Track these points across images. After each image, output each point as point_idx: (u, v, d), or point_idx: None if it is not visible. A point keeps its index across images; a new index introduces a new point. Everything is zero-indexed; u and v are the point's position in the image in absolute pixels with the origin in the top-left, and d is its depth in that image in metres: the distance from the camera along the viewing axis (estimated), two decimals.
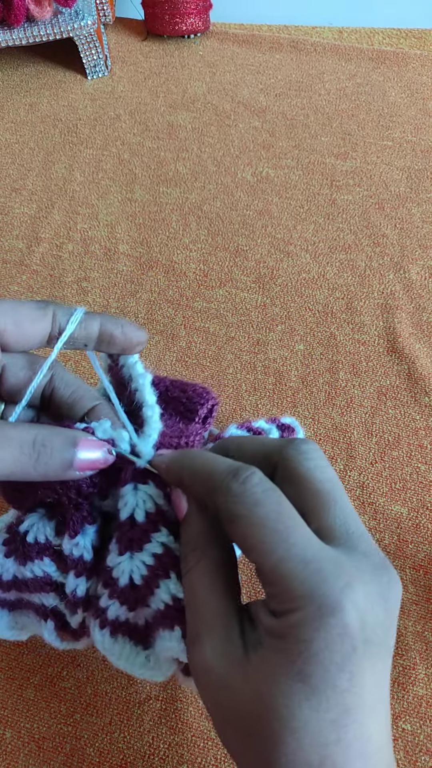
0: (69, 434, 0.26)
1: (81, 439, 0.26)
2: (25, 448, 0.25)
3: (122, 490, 0.29)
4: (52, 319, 0.28)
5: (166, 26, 0.98)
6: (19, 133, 0.86)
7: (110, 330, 0.29)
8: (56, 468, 0.26)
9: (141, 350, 0.30)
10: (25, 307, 0.27)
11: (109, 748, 0.39)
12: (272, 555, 0.22)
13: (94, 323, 0.29)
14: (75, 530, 0.29)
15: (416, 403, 0.56)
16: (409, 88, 0.90)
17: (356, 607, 0.21)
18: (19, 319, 0.27)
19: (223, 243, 0.70)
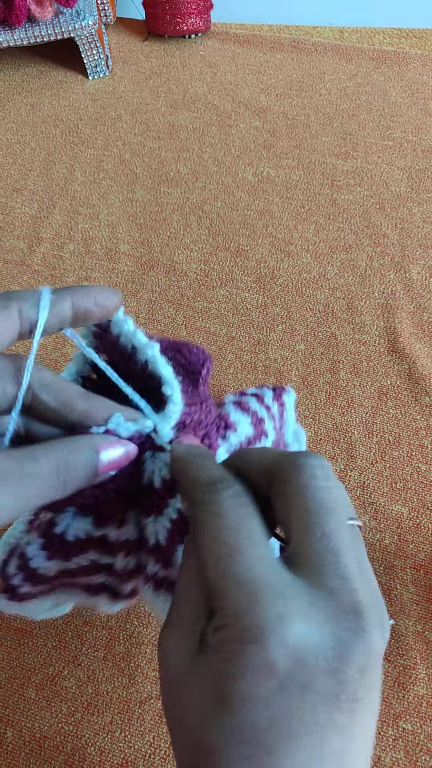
0: (88, 444, 0.25)
1: (101, 445, 0.25)
2: (48, 480, 0.24)
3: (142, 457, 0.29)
4: (19, 315, 0.25)
5: (167, 26, 0.99)
6: (20, 133, 0.86)
7: (83, 305, 0.26)
8: (84, 480, 0.25)
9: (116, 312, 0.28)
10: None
11: (110, 747, 0.39)
12: (215, 569, 0.21)
13: (65, 304, 0.25)
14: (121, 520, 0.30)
15: (417, 403, 0.56)
16: (409, 88, 0.90)
17: (284, 643, 0.19)
18: None
19: (224, 243, 0.70)
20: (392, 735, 0.40)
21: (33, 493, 0.23)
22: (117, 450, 0.26)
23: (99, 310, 0.26)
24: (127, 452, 0.27)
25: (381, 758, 0.39)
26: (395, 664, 0.42)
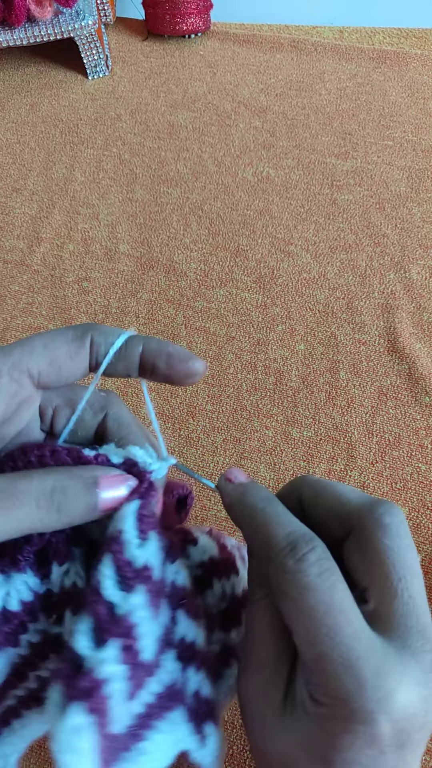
0: (87, 475, 0.24)
1: (101, 478, 0.24)
2: (41, 501, 0.22)
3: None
4: (90, 350, 0.25)
5: (167, 26, 0.99)
6: (20, 133, 0.86)
7: (152, 359, 0.25)
8: (81, 514, 0.23)
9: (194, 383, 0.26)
10: (59, 342, 0.24)
11: None
12: (315, 647, 0.21)
13: (134, 350, 0.25)
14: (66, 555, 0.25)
15: (417, 403, 0.56)
16: (409, 88, 0.90)
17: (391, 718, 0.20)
18: (54, 358, 0.24)
19: (224, 243, 0.70)
20: None
21: (22, 513, 0.22)
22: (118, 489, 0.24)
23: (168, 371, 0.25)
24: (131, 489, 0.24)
25: None
26: None
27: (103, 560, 0.22)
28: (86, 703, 0.20)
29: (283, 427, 0.54)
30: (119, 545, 0.23)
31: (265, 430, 0.54)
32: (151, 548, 0.23)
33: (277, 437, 0.54)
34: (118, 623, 0.21)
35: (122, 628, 0.21)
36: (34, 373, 0.24)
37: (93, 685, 0.20)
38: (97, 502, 0.23)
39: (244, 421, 0.55)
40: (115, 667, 0.21)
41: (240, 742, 0.39)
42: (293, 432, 0.54)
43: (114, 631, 0.21)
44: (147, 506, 0.24)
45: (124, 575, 0.22)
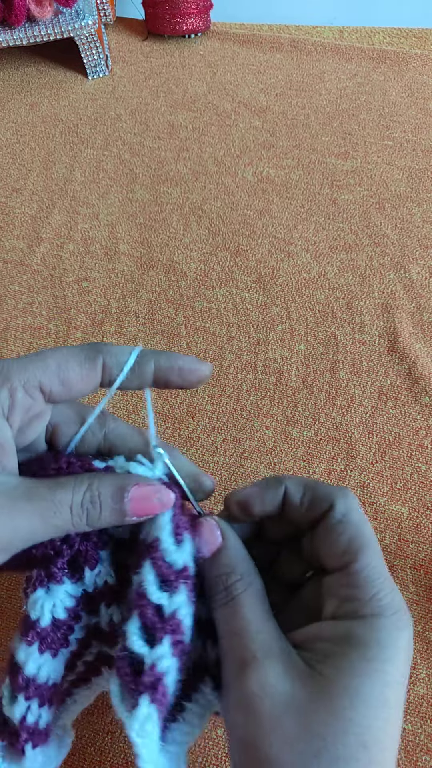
0: (119, 483, 0.25)
1: (131, 487, 0.25)
2: (75, 509, 0.24)
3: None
4: (102, 370, 0.26)
5: (167, 26, 0.98)
6: (19, 132, 0.86)
7: (165, 374, 0.27)
8: (110, 520, 0.25)
9: (203, 384, 0.28)
10: (73, 361, 0.26)
11: (110, 748, 0.39)
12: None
13: (147, 367, 0.26)
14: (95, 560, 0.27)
15: (417, 403, 0.56)
16: (409, 88, 0.90)
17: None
18: (67, 377, 0.25)
19: (224, 243, 0.70)
20: None
21: (59, 520, 0.24)
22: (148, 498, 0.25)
23: (181, 381, 0.27)
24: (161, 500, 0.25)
25: None
26: None
27: (144, 566, 0.25)
28: (150, 695, 0.23)
29: (283, 427, 0.54)
30: (158, 552, 0.25)
31: (265, 430, 0.54)
32: (187, 549, 0.26)
33: (277, 437, 0.54)
34: (167, 622, 0.24)
35: (172, 626, 0.24)
36: (46, 390, 0.25)
37: (155, 679, 0.24)
38: (126, 510, 0.25)
39: (244, 421, 0.55)
40: (170, 660, 0.24)
41: None
42: (293, 432, 0.54)
43: (166, 629, 0.24)
44: (177, 513, 0.26)
45: (167, 578, 0.25)
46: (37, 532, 0.24)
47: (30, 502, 0.24)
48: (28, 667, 0.26)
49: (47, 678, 0.26)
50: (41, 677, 0.26)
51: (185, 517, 0.27)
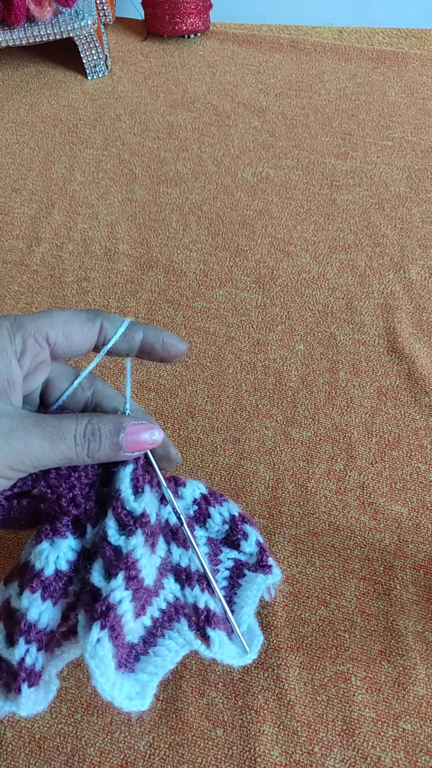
0: (116, 420, 0.28)
1: (128, 425, 0.28)
2: (78, 438, 0.27)
3: None
4: (100, 330, 0.29)
5: (166, 26, 0.98)
6: (19, 133, 0.86)
7: (151, 342, 0.30)
8: (107, 453, 0.28)
9: (180, 360, 0.32)
10: (76, 320, 0.29)
11: (110, 748, 0.39)
12: None
13: (136, 335, 0.30)
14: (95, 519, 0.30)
15: (416, 403, 0.56)
16: (409, 88, 0.90)
17: None
18: (70, 332, 0.29)
19: (223, 243, 0.70)
20: (392, 735, 0.40)
21: (64, 446, 0.27)
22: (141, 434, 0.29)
23: (163, 352, 0.31)
24: (152, 438, 0.29)
25: (381, 759, 0.39)
26: (395, 665, 0.42)
27: (108, 514, 0.29)
28: (102, 621, 0.26)
29: (283, 427, 0.54)
30: (119, 501, 0.29)
31: (265, 430, 0.54)
32: (146, 499, 0.29)
33: (276, 437, 0.54)
34: (122, 560, 0.28)
35: (126, 563, 0.27)
36: (51, 342, 0.28)
37: (107, 607, 0.27)
38: (122, 444, 0.28)
39: (244, 421, 0.55)
40: (122, 593, 0.27)
41: (240, 742, 0.39)
42: (293, 432, 0.54)
43: (120, 566, 0.27)
44: (139, 467, 0.30)
45: (126, 524, 0.29)
46: (46, 454, 0.27)
47: (39, 427, 0.27)
48: (30, 612, 0.28)
49: (46, 624, 0.29)
50: (42, 623, 0.28)
51: (146, 473, 0.30)
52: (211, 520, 0.34)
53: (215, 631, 0.31)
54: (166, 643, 0.30)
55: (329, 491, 0.50)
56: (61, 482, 0.29)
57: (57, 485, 0.29)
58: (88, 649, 0.26)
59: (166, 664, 0.30)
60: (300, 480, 0.51)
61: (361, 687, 0.41)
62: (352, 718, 0.40)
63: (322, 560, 0.47)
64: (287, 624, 0.43)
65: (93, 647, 0.26)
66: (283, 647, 0.43)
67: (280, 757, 0.39)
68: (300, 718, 0.40)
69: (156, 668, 0.30)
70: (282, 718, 0.40)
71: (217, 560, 0.35)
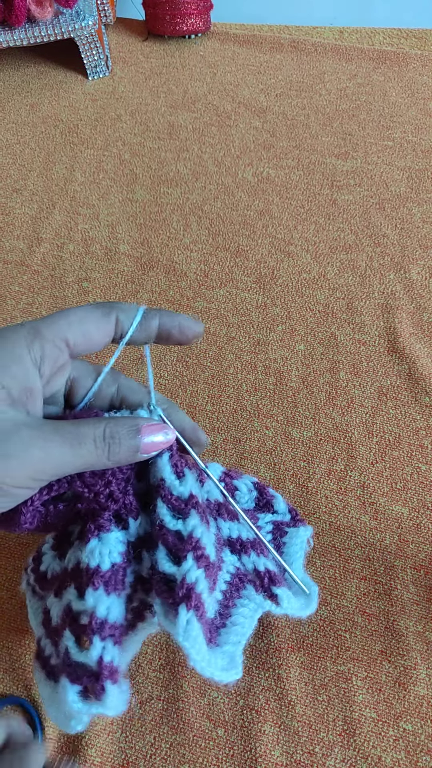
0: (132, 423, 0.29)
1: (143, 426, 0.29)
2: (98, 442, 0.27)
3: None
4: (116, 324, 0.29)
5: (167, 26, 0.98)
6: (20, 133, 0.86)
7: (168, 329, 0.30)
8: (126, 455, 0.28)
9: (197, 340, 0.32)
10: (92, 316, 0.29)
11: (111, 748, 0.39)
12: None
13: (152, 323, 0.30)
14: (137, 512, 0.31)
15: (417, 403, 0.56)
16: (409, 88, 0.90)
17: None
18: (87, 330, 0.28)
19: (224, 243, 0.70)
20: (393, 735, 0.40)
21: (85, 450, 0.27)
22: (157, 435, 0.29)
23: (180, 335, 0.31)
24: (166, 438, 0.30)
25: (382, 758, 0.39)
26: (396, 665, 0.42)
27: (158, 503, 0.29)
28: (186, 603, 0.27)
29: (283, 427, 0.54)
30: (165, 489, 0.30)
31: (265, 430, 0.54)
32: (190, 481, 0.30)
33: (277, 437, 0.54)
34: (186, 542, 0.28)
35: (191, 544, 0.28)
36: (71, 343, 0.28)
37: (188, 590, 0.27)
38: (139, 446, 0.28)
39: (244, 422, 0.55)
40: (196, 572, 0.28)
41: (241, 742, 0.39)
42: (293, 432, 0.54)
43: (186, 548, 0.28)
44: (174, 453, 0.31)
45: (178, 508, 0.29)
46: (67, 461, 0.27)
47: (58, 434, 0.27)
48: (99, 609, 0.28)
49: (116, 617, 0.29)
50: (111, 617, 0.29)
51: (183, 460, 0.31)
52: (239, 492, 0.36)
53: (280, 588, 0.32)
54: (240, 611, 0.32)
55: (330, 491, 0.50)
56: (96, 480, 0.29)
57: (93, 483, 0.29)
58: (180, 633, 0.27)
59: (246, 631, 0.31)
60: (300, 480, 0.51)
61: (362, 687, 0.41)
62: (353, 718, 0.40)
63: (323, 560, 0.47)
64: (288, 624, 0.43)
65: (185, 629, 0.27)
66: (284, 647, 0.43)
67: (281, 757, 0.39)
68: (301, 718, 0.40)
69: (238, 636, 0.31)
70: (283, 718, 0.40)
71: (258, 527, 0.36)
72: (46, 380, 0.29)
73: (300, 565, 0.36)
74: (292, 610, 0.32)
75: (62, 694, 0.29)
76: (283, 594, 0.32)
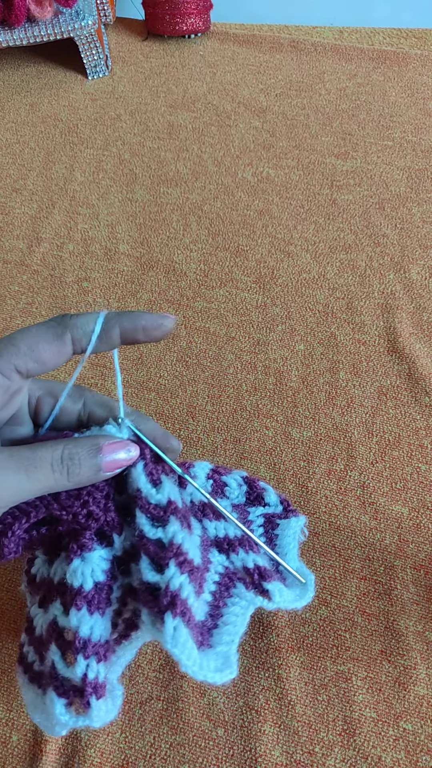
0: (92, 443, 0.28)
1: (104, 445, 0.28)
2: (55, 465, 0.27)
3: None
4: (72, 343, 0.28)
5: (167, 26, 0.98)
6: (19, 133, 0.86)
7: (131, 333, 0.28)
8: (88, 475, 0.28)
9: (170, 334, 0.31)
10: (42, 340, 0.27)
11: (111, 749, 0.39)
12: None
13: (113, 332, 0.28)
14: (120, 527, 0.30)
15: (417, 403, 0.56)
16: (409, 88, 0.90)
17: None
18: (38, 355, 0.27)
19: (224, 243, 0.70)
20: (393, 735, 0.40)
21: (41, 475, 0.27)
22: (118, 453, 0.29)
23: (146, 337, 0.29)
24: (129, 455, 0.29)
25: (382, 758, 0.39)
26: (395, 664, 0.42)
27: (137, 514, 0.29)
28: (172, 611, 0.27)
29: (283, 427, 0.54)
30: (142, 499, 0.29)
31: (265, 430, 0.54)
32: (167, 487, 0.30)
33: (277, 437, 0.54)
34: (168, 549, 0.28)
35: (172, 551, 0.28)
36: (21, 370, 0.27)
37: (172, 597, 0.27)
38: (101, 465, 0.28)
39: (244, 422, 0.55)
40: (180, 578, 0.27)
41: (241, 742, 0.39)
42: (293, 432, 0.54)
43: (168, 555, 0.28)
44: (149, 462, 0.30)
45: (157, 516, 0.29)
46: (23, 488, 0.26)
47: (13, 460, 0.26)
48: (82, 629, 0.28)
49: (99, 636, 0.29)
50: (95, 636, 0.29)
51: (158, 465, 0.31)
52: (228, 488, 0.36)
53: (271, 583, 0.32)
54: (231, 610, 0.32)
55: (330, 491, 0.50)
56: (72, 501, 0.29)
57: (70, 505, 0.29)
58: (168, 640, 0.27)
59: (238, 630, 0.31)
60: (300, 480, 0.51)
61: (362, 687, 0.41)
62: (352, 718, 0.40)
63: (323, 560, 0.47)
64: (288, 624, 0.43)
65: (172, 636, 0.27)
66: (284, 647, 0.43)
67: (281, 757, 0.39)
68: (301, 718, 0.40)
69: (230, 636, 0.31)
70: (283, 718, 0.40)
71: (248, 522, 0.36)
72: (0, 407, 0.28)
73: (294, 555, 0.36)
74: (286, 603, 0.32)
75: (50, 705, 0.29)
76: (274, 588, 0.32)
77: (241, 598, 0.32)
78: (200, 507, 0.33)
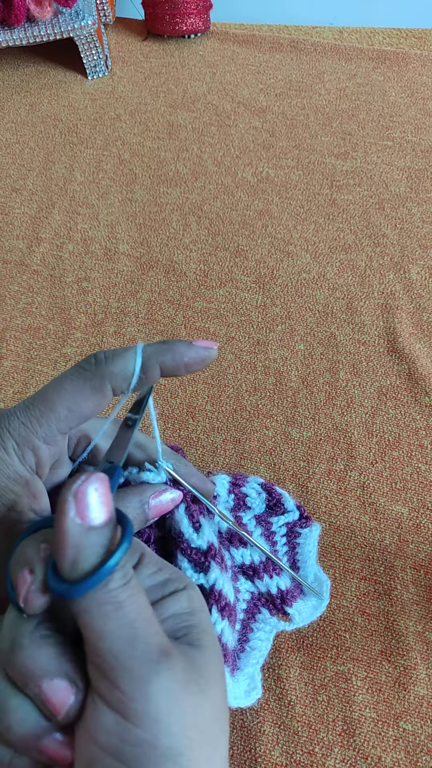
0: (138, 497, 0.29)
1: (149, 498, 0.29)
2: None
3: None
4: (112, 391, 0.26)
5: (167, 26, 0.99)
6: (19, 133, 0.86)
7: (172, 372, 0.27)
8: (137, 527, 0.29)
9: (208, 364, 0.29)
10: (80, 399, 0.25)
11: None
12: None
13: (153, 373, 0.26)
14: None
15: (416, 403, 0.56)
16: (409, 88, 0.90)
17: None
18: (80, 414, 0.26)
19: (224, 243, 0.70)
20: (393, 735, 0.40)
21: None
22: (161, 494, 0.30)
23: (188, 370, 0.27)
24: (173, 499, 0.30)
25: (381, 759, 0.39)
26: (395, 665, 0.42)
27: (179, 557, 0.30)
28: None
29: (283, 428, 0.54)
30: (184, 542, 0.30)
31: (265, 430, 0.54)
32: (207, 532, 0.30)
33: (276, 437, 0.54)
34: (210, 596, 0.29)
35: (214, 598, 0.29)
36: (64, 432, 0.26)
37: None
38: (148, 515, 0.29)
39: (244, 422, 0.55)
40: (221, 624, 0.29)
41: (240, 742, 0.39)
42: (293, 432, 0.54)
43: (210, 602, 0.29)
44: (190, 505, 0.31)
45: (198, 561, 0.30)
46: None
47: None
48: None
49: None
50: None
51: (196, 506, 0.32)
52: (249, 498, 0.36)
53: (293, 606, 0.34)
54: (257, 635, 0.33)
55: (329, 491, 0.50)
56: None
57: None
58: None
59: (264, 653, 0.33)
60: (300, 480, 0.51)
61: (362, 687, 0.41)
62: (352, 719, 0.40)
63: (323, 560, 0.47)
64: None
65: None
66: (284, 647, 0.43)
67: (280, 758, 0.39)
68: (300, 719, 0.40)
69: (257, 659, 0.32)
70: (282, 719, 0.40)
71: (271, 533, 0.37)
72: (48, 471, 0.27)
73: (313, 562, 0.37)
74: (304, 622, 0.33)
75: None
76: (294, 612, 0.33)
77: (266, 624, 0.33)
78: (227, 535, 0.34)
